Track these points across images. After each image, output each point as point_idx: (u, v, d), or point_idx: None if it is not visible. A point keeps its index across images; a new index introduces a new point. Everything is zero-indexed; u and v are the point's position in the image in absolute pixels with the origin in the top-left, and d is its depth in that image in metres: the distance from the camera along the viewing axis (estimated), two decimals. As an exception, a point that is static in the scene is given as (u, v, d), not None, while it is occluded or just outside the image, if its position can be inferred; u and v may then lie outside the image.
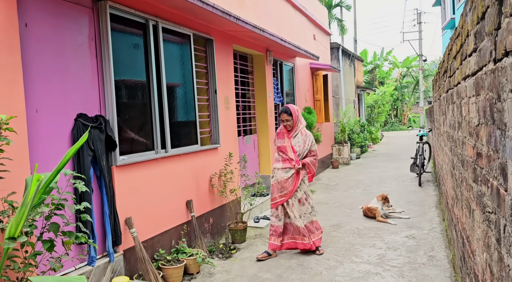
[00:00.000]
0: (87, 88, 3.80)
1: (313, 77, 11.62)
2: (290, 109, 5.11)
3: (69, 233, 2.70)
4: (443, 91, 4.43)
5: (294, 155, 5.04)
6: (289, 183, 5.04)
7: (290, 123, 5.11)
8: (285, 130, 5.14)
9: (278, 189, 5.07)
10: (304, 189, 5.19)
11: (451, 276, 4.20)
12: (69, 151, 2.42)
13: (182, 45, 5.32)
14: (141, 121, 4.51)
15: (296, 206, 5.12)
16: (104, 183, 3.82)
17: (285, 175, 5.05)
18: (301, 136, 5.13)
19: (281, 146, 5.14)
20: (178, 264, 4.39)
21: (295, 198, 5.12)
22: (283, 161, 5.10)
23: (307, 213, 5.16)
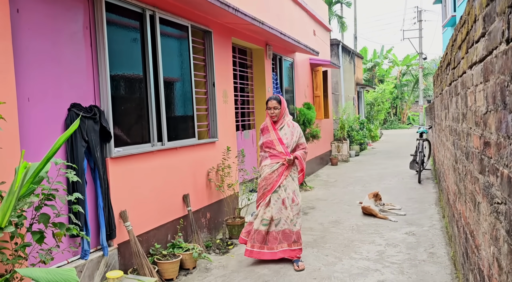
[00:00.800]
0: (81, 78, 3.71)
1: (312, 73, 11.53)
2: (280, 97, 4.73)
3: (60, 225, 2.61)
4: (446, 85, 4.34)
5: (283, 147, 4.58)
6: (272, 178, 4.55)
7: (277, 112, 4.64)
8: (271, 122, 4.68)
9: (262, 186, 4.62)
10: (293, 188, 4.63)
11: (452, 273, 4.13)
12: (59, 138, 2.33)
13: (180, 36, 5.22)
14: (137, 113, 4.42)
15: (277, 207, 4.55)
16: (98, 175, 3.73)
17: (270, 170, 4.58)
18: (288, 128, 4.68)
19: (266, 141, 4.65)
20: (174, 258, 4.30)
21: (278, 197, 4.56)
22: (271, 157, 4.60)
23: (288, 219, 4.56)
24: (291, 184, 4.62)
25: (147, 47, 4.48)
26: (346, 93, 16.92)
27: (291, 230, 4.56)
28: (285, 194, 4.57)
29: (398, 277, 4.13)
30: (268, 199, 4.56)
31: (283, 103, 4.70)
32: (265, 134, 4.69)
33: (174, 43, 5.13)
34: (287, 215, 4.54)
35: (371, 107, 23.67)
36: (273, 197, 4.56)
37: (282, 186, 4.56)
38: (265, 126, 4.74)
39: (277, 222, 4.55)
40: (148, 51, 4.49)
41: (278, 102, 4.66)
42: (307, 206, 7.49)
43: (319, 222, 6.36)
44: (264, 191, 4.60)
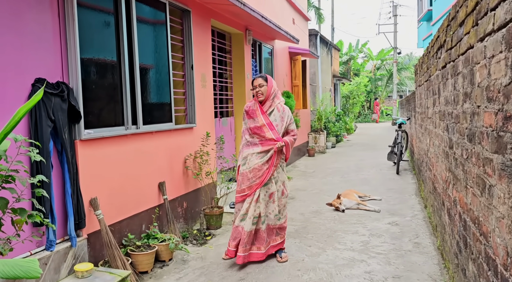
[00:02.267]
0: (48, 51, 3.34)
1: (291, 62, 11.31)
2: (265, 75, 4.21)
3: (21, 211, 2.28)
4: (436, 70, 4.18)
5: (273, 133, 4.08)
6: (263, 170, 4.07)
7: (264, 89, 4.10)
8: (258, 105, 4.14)
9: (249, 178, 4.08)
10: (282, 179, 4.23)
11: (439, 263, 4.00)
12: (19, 109, 2.00)
13: (157, 13, 4.87)
14: (109, 92, 4.07)
15: (263, 202, 4.11)
16: (66, 159, 3.38)
17: (260, 161, 4.06)
18: (278, 112, 4.18)
19: (255, 126, 4.10)
20: (149, 250, 4.01)
21: (266, 190, 4.11)
22: (263, 144, 4.09)
23: (272, 213, 4.14)
24: (281, 174, 4.22)
25: (121, 23, 4.13)
26: (323, 84, 16.81)
27: (274, 225, 4.19)
28: (275, 187, 4.16)
29: (385, 268, 3.97)
30: (257, 193, 4.07)
31: (270, 82, 4.19)
32: (250, 119, 4.16)
33: (151, 20, 4.78)
34: (273, 209, 4.14)
35: (347, 100, 23.71)
36: (262, 190, 4.09)
37: (273, 178, 4.14)
38: (250, 109, 4.18)
39: (263, 219, 4.12)
40: (122, 26, 4.14)
41: (264, 79, 4.16)
42: (287, 196, 7.28)
43: (300, 212, 6.17)
44: (251, 184, 4.06)
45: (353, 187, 7.71)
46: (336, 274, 3.87)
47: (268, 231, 4.19)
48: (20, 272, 1.79)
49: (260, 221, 4.12)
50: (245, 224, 4.05)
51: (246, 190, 4.09)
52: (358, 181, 8.47)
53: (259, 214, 4.10)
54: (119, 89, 4.16)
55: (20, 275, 1.78)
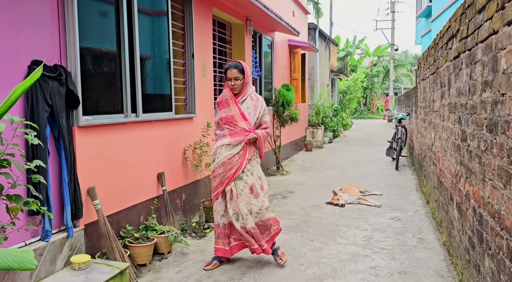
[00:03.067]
0: (45, 33, 3.18)
1: (291, 55, 11.16)
2: (242, 65, 3.80)
3: (16, 197, 2.14)
4: (446, 61, 4.07)
5: (246, 123, 3.74)
6: (233, 163, 3.70)
7: (239, 83, 3.75)
8: (231, 95, 3.81)
9: (219, 174, 3.73)
10: (258, 173, 3.84)
11: (446, 259, 3.91)
12: (15, 89, 1.86)
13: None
14: (109, 78, 3.92)
15: (244, 197, 3.71)
16: (63, 145, 3.23)
17: (229, 153, 3.70)
18: (251, 101, 3.83)
19: (226, 116, 3.77)
20: (148, 242, 3.88)
21: (244, 184, 3.73)
22: (232, 135, 3.74)
23: (262, 208, 3.75)
24: (256, 168, 3.82)
25: (122, 6, 3.97)
26: (321, 79, 16.70)
27: (268, 218, 3.80)
28: (253, 179, 3.75)
29: (390, 263, 3.87)
30: (232, 189, 3.71)
31: (247, 72, 3.80)
32: (223, 109, 3.82)
33: (151, 5, 4.62)
34: (261, 204, 3.74)
35: (344, 95, 23.62)
36: (237, 185, 3.70)
37: (247, 170, 3.74)
38: (223, 99, 3.85)
39: (247, 215, 3.70)
40: (123, 11, 3.98)
41: (239, 71, 3.76)
42: (286, 190, 7.18)
43: (300, 206, 6.06)
44: (222, 179, 3.72)
45: (353, 182, 7.61)
46: (341, 269, 3.76)
47: (261, 227, 3.78)
48: (14, 263, 1.65)
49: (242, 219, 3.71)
50: (217, 219, 3.81)
51: (219, 187, 3.76)
52: (357, 176, 8.37)
53: (240, 211, 3.70)
54: (118, 75, 4.00)
55: (14, 266, 1.64)
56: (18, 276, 2.85)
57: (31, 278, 2.97)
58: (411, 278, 3.55)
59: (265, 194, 3.83)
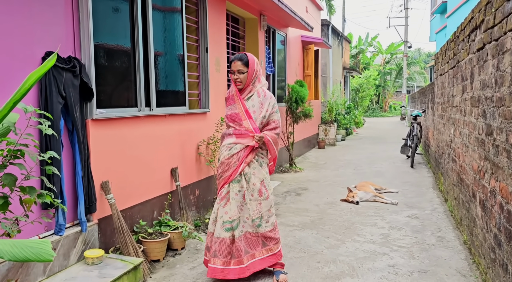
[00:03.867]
0: (59, 24, 3.13)
1: (304, 51, 11.04)
2: (247, 57, 3.39)
3: (30, 189, 2.09)
4: (467, 54, 3.94)
5: (250, 121, 3.34)
6: (230, 164, 3.34)
7: (242, 77, 3.34)
8: (236, 90, 3.43)
9: (219, 174, 3.44)
10: (261, 176, 3.38)
11: (467, 258, 3.79)
12: (29, 77, 1.79)
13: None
14: (123, 71, 3.86)
15: (236, 203, 3.32)
16: (77, 138, 3.19)
17: (228, 153, 3.35)
18: (258, 97, 3.41)
19: (232, 113, 3.42)
20: (162, 237, 3.82)
21: (239, 189, 3.34)
22: (238, 136, 3.36)
23: (249, 218, 3.33)
24: (258, 171, 3.38)
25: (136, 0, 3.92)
26: (334, 76, 16.54)
27: (255, 233, 3.35)
28: (248, 184, 3.35)
29: (409, 262, 3.76)
30: (225, 191, 3.36)
31: (252, 65, 3.38)
32: (229, 105, 3.49)
33: (165, 0, 4.56)
34: (249, 214, 3.32)
35: (356, 93, 23.40)
36: (232, 188, 3.33)
37: (244, 174, 3.34)
38: (230, 95, 3.52)
39: (236, 223, 3.32)
40: (137, 5, 3.92)
41: (244, 63, 3.35)
42: (299, 187, 7.09)
43: (314, 203, 5.96)
44: (220, 179, 3.42)
45: (367, 179, 7.49)
46: (358, 267, 3.67)
47: (248, 240, 3.34)
48: (31, 255, 1.59)
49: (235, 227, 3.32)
50: (215, 228, 3.35)
51: (219, 189, 3.45)
52: (372, 174, 8.24)
53: (231, 218, 3.31)
54: (132, 68, 3.95)
55: (31, 257, 1.59)
56: (31, 270, 2.81)
57: (45, 272, 2.93)
58: (432, 277, 3.44)
59: (265, 201, 3.36)
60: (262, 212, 3.35)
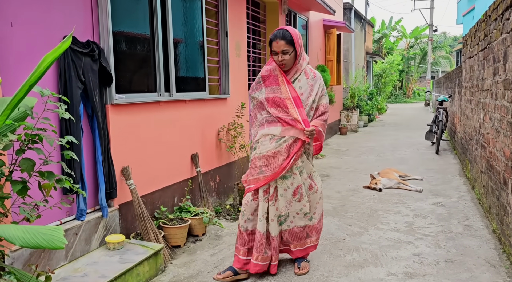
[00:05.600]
0: (78, 8, 3.09)
1: (325, 36, 10.82)
2: (290, 33, 2.91)
3: (48, 174, 2.07)
4: (500, 34, 3.74)
5: (299, 111, 2.92)
6: (277, 159, 2.96)
7: (288, 59, 2.93)
8: (281, 71, 2.99)
9: (257, 167, 3.02)
10: (309, 170, 3.14)
11: (497, 248, 3.64)
12: (44, 57, 1.75)
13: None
14: (142, 56, 3.82)
15: (284, 200, 3.04)
16: (97, 124, 3.17)
17: (275, 146, 2.96)
18: (306, 79, 3.02)
19: (275, 97, 2.96)
20: (182, 223, 3.80)
21: (289, 185, 3.04)
22: (284, 124, 2.96)
23: (300, 213, 3.11)
24: (307, 164, 3.11)
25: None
26: (357, 61, 16.21)
27: (303, 226, 3.17)
28: (300, 179, 3.05)
29: (435, 251, 3.64)
30: (272, 188, 3.03)
31: (297, 42, 2.94)
32: (270, 86, 3.00)
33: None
34: (300, 208, 3.09)
35: (379, 78, 22.93)
36: (281, 184, 3.02)
37: (296, 168, 3.03)
38: (270, 74, 3.02)
39: (283, 219, 3.09)
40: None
41: (288, 42, 2.90)
42: (321, 173, 6.99)
43: (336, 190, 5.86)
44: (259, 175, 3.00)
45: (390, 166, 7.33)
46: (382, 255, 3.57)
47: (294, 234, 3.17)
48: (43, 241, 1.56)
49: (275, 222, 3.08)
50: (258, 226, 3.05)
51: (253, 182, 3.05)
52: (395, 160, 8.06)
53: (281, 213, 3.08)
54: (152, 53, 3.90)
55: (42, 244, 1.55)
56: (53, 255, 2.83)
57: (67, 257, 2.94)
58: (459, 267, 3.32)
59: (314, 194, 3.15)
60: (312, 205, 3.17)
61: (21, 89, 1.75)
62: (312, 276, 3.20)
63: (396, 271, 3.28)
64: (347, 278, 3.16)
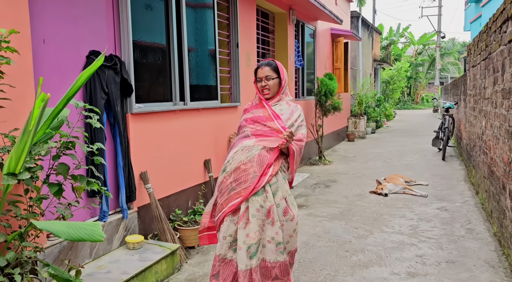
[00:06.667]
0: (101, 24, 3.35)
1: (333, 44, 11.04)
2: (276, 63, 2.82)
3: (80, 177, 2.30)
4: (499, 45, 3.93)
5: (278, 122, 2.68)
6: (248, 172, 2.57)
7: (272, 84, 2.74)
8: (260, 98, 2.80)
9: (228, 185, 2.62)
10: (285, 192, 2.67)
11: (497, 250, 3.80)
12: (81, 75, 1.99)
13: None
14: (159, 68, 4.07)
15: (257, 222, 2.54)
16: (118, 131, 3.41)
17: (244, 156, 2.61)
18: (288, 106, 2.80)
19: (254, 117, 2.75)
20: (196, 225, 4.02)
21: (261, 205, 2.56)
22: (258, 136, 2.68)
23: (272, 241, 2.58)
24: (282, 185, 2.67)
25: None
26: (364, 68, 16.40)
27: (274, 262, 2.61)
28: (272, 199, 2.59)
29: (438, 252, 3.82)
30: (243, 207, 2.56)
31: (283, 72, 2.80)
32: (250, 111, 2.83)
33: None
34: (272, 236, 2.58)
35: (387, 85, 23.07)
36: (253, 202, 2.55)
37: (270, 185, 2.60)
38: (252, 105, 2.87)
39: (254, 249, 2.54)
40: (171, 4, 4.11)
41: (273, 69, 2.77)
42: (328, 179, 7.17)
43: (343, 195, 6.05)
44: (231, 193, 2.59)
45: (397, 172, 7.49)
46: (386, 256, 3.76)
47: (263, 270, 2.62)
48: (84, 235, 1.79)
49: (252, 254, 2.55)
50: (240, 259, 2.54)
51: (224, 206, 2.61)
52: (401, 166, 8.22)
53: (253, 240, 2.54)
54: (167, 65, 4.14)
55: (84, 237, 1.79)
56: (79, 253, 3.06)
57: (91, 255, 3.17)
58: (459, 267, 3.49)
59: (289, 223, 2.63)
60: (285, 234, 2.64)
61: (60, 102, 1.99)
62: (319, 275, 3.40)
63: (399, 271, 3.46)
64: (352, 277, 3.35)
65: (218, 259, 2.65)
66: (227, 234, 2.60)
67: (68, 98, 2.01)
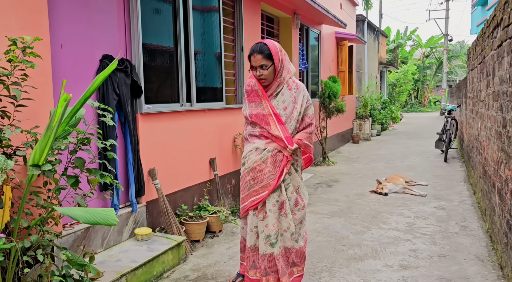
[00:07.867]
0: (113, 30, 3.59)
1: (338, 48, 11.23)
2: (268, 47, 2.77)
3: (95, 171, 2.54)
4: (491, 50, 4.11)
5: (281, 128, 2.81)
6: (264, 172, 2.84)
7: (267, 74, 2.78)
8: (260, 87, 2.85)
9: (247, 182, 2.92)
10: (296, 184, 2.96)
11: (488, 245, 3.98)
12: (97, 78, 2.22)
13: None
14: (167, 70, 4.30)
15: (274, 215, 2.86)
16: (128, 130, 3.65)
17: (258, 157, 2.85)
18: (289, 91, 2.86)
19: (257, 114, 2.86)
20: (201, 220, 4.24)
21: (276, 200, 2.87)
22: (265, 138, 2.88)
23: (288, 231, 2.90)
24: (294, 178, 2.94)
25: (178, 4, 4.34)
26: (370, 71, 16.55)
27: (291, 248, 2.94)
28: (286, 194, 2.89)
29: (431, 247, 4.00)
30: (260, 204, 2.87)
31: (276, 56, 2.78)
32: (252, 102, 2.91)
33: (204, 3, 4.96)
34: (288, 226, 2.90)
35: (393, 88, 23.18)
36: (269, 199, 2.85)
37: (282, 181, 2.87)
38: (252, 89, 2.92)
39: (274, 239, 2.86)
40: (179, 9, 4.34)
41: (266, 56, 2.76)
42: (331, 179, 7.37)
43: (344, 194, 6.24)
44: (250, 190, 2.90)
45: (398, 172, 7.66)
46: (381, 250, 3.95)
47: (284, 258, 2.93)
48: (100, 219, 2.02)
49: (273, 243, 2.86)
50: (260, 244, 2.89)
51: (245, 200, 2.94)
52: (404, 167, 8.39)
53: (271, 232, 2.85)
54: (175, 68, 4.38)
55: (100, 221, 2.01)
56: (92, 242, 3.29)
57: (103, 245, 3.41)
58: (450, 261, 3.67)
59: (299, 211, 2.94)
60: (296, 223, 2.93)
61: (78, 102, 2.23)
62: (316, 266, 3.60)
63: (393, 263, 3.65)
64: (348, 269, 3.55)
65: (251, 250, 2.95)
66: (252, 226, 2.93)
67: (85, 98, 2.24)
